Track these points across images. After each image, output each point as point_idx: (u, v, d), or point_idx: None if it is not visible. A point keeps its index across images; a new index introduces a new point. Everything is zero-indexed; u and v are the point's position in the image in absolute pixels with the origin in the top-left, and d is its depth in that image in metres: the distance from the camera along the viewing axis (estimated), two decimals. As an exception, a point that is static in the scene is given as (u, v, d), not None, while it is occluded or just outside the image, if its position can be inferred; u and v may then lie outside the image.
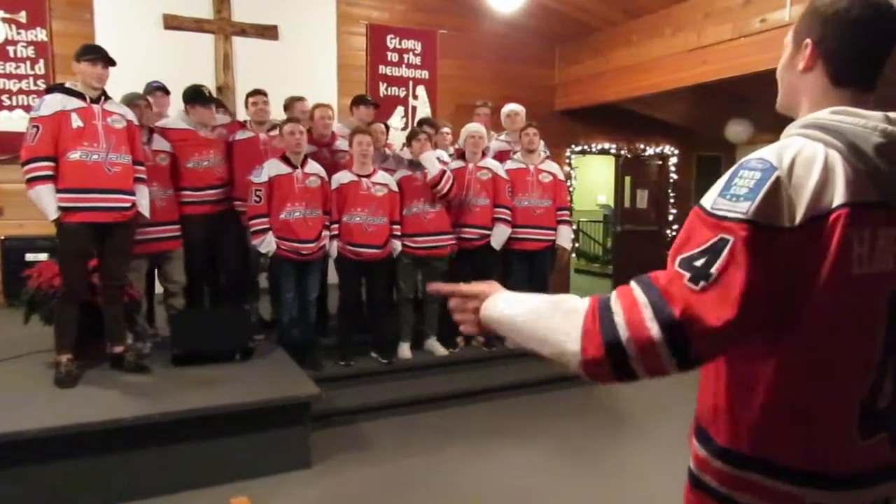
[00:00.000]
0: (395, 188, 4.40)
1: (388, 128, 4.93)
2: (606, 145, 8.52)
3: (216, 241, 4.32)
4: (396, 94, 7.23)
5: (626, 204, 8.95)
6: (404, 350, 4.60)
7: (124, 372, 3.60)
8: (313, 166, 4.20)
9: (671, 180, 8.95)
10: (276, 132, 4.35)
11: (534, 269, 4.89)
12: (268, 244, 4.04)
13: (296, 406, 3.31)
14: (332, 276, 4.54)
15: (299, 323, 4.31)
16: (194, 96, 4.25)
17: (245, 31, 6.55)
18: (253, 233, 4.05)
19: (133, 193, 3.58)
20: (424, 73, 7.35)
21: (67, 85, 3.47)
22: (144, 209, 3.68)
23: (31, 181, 3.29)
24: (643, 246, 8.71)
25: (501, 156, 5.02)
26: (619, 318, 0.94)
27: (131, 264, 3.97)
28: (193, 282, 4.31)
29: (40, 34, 5.79)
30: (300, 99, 4.83)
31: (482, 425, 4.19)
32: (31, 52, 5.77)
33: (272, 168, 4.06)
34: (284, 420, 3.31)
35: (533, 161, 4.83)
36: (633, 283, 0.99)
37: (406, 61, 7.24)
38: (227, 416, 3.15)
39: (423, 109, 7.31)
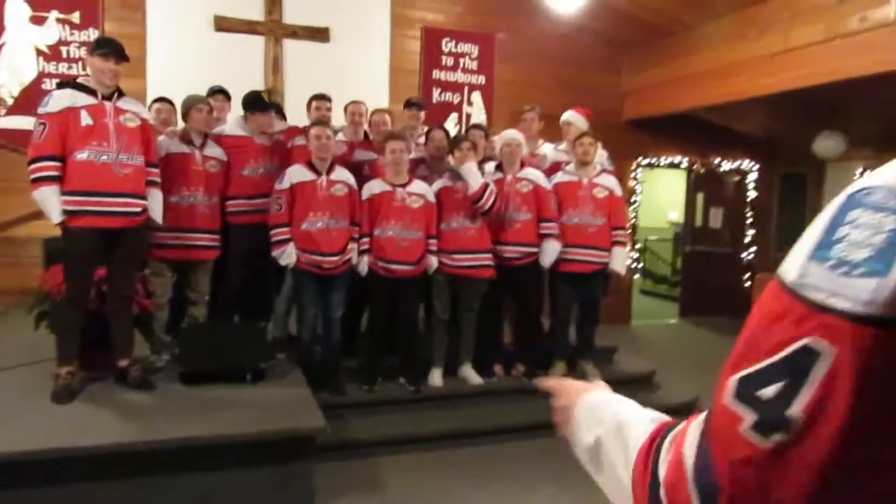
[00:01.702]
0: (432, 199, 4.02)
1: (448, 134, 4.54)
2: (677, 158, 7.87)
3: (261, 251, 4.03)
4: (450, 100, 6.87)
5: (698, 222, 8.26)
6: (435, 377, 4.19)
7: (128, 388, 3.36)
8: (341, 173, 3.87)
9: (749, 199, 8.17)
10: (340, 136, 4.24)
11: (583, 295, 4.38)
12: (287, 256, 3.74)
13: (298, 440, 2.96)
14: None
15: (322, 342, 3.99)
16: (252, 103, 4.07)
17: (296, 33, 6.37)
18: (273, 243, 3.76)
19: (144, 197, 3.35)
20: (481, 79, 6.96)
21: (79, 80, 3.28)
22: (157, 215, 3.44)
23: (36, 182, 3.10)
24: (715, 269, 8.01)
25: (558, 167, 4.54)
26: (663, 477, 0.58)
27: (155, 268, 3.76)
28: (230, 294, 4.05)
29: (93, 35, 5.76)
30: (358, 102, 4.59)
31: (519, 468, 3.73)
32: (83, 52, 5.74)
33: (295, 174, 3.77)
34: (285, 454, 2.97)
35: (587, 174, 4.34)
36: (693, 421, 0.58)
37: (462, 66, 6.88)
38: (219, 448, 2.83)
39: (479, 116, 6.92)
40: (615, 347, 4.93)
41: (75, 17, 5.75)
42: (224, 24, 6.17)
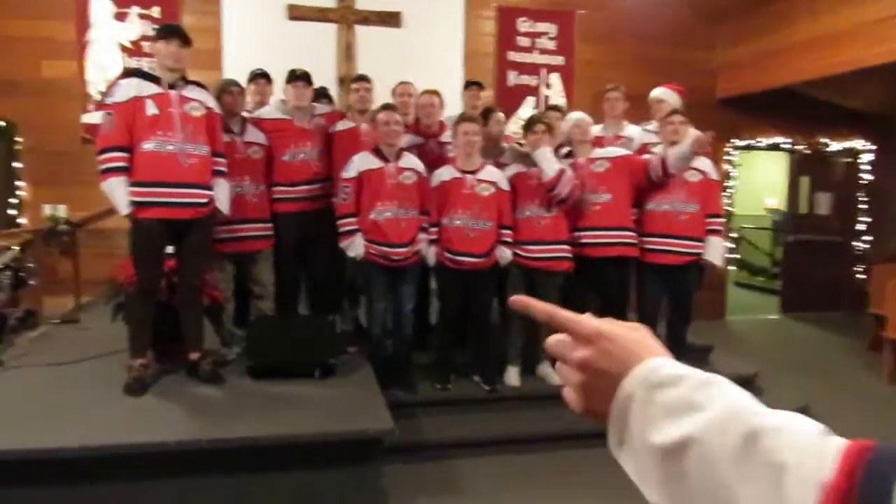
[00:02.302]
0: (504, 186, 3.76)
1: (506, 116, 4.26)
2: (778, 139, 7.20)
3: (310, 241, 3.93)
4: (527, 83, 6.55)
5: (803, 209, 7.55)
6: (511, 376, 3.94)
7: (198, 381, 3.32)
8: (409, 160, 3.67)
9: (863, 182, 7.38)
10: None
11: (674, 289, 4.00)
12: (355, 247, 3.58)
13: (364, 442, 2.79)
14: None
15: (393, 337, 3.83)
16: (288, 76, 3.91)
17: (368, 18, 6.24)
18: (340, 234, 3.61)
19: (211, 188, 3.28)
20: (559, 59, 6.59)
21: (144, 69, 3.24)
22: (223, 205, 3.36)
23: (104, 173, 3.08)
24: (823, 260, 7.30)
25: (647, 149, 4.16)
26: None
27: (217, 264, 3.71)
28: (286, 285, 3.96)
29: (172, 29, 5.84)
30: (406, 83, 4.34)
31: (607, 476, 3.41)
32: (162, 47, 5.83)
33: (362, 162, 3.59)
34: (352, 456, 2.81)
35: (678, 155, 3.94)
36: None
37: (539, 46, 6.54)
38: (283, 448, 2.71)
39: (557, 100, 6.55)
40: (710, 346, 4.50)
41: (155, 11, 5.85)
42: (297, 13, 6.13)
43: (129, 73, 3.25)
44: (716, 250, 3.90)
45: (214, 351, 3.71)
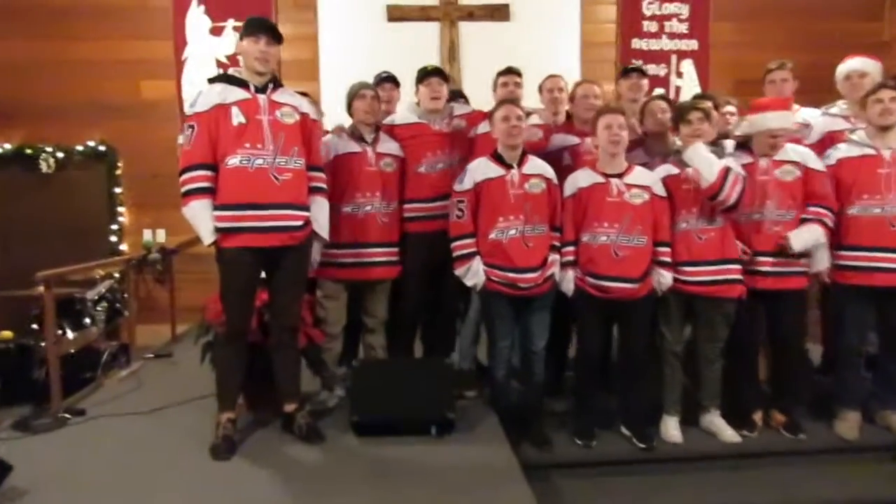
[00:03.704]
0: (660, 192, 2.99)
1: (670, 103, 3.46)
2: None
3: (440, 266, 3.29)
4: (654, 72, 5.74)
5: None
6: (670, 428, 3.14)
7: (294, 437, 2.80)
8: (535, 164, 2.99)
9: None
10: (535, 119, 3.43)
11: (887, 318, 3.07)
12: (474, 274, 2.93)
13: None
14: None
15: (521, 380, 3.17)
16: (417, 76, 3.39)
17: (473, 13, 5.72)
18: (455, 259, 2.99)
19: (307, 208, 2.76)
20: (692, 44, 5.75)
21: (230, 72, 2.79)
22: (322, 229, 2.83)
23: (186, 196, 2.63)
24: None
25: (833, 139, 3.27)
26: None
27: (329, 290, 3.19)
28: (407, 319, 3.40)
29: (267, 40, 5.52)
30: (555, 76, 3.66)
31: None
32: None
33: (478, 170, 2.96)
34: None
35: (888, 143, 3.03)
36: None
37: (668, 30, 5.74)
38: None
39: (690, 90, 5.71)
40: (927, 389, 3.49)
41: (250, 23, 5.56)
42: (396, 13, 5.72)
43: (213, 78, 2.79)
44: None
45: (314, 396, 3.21)
